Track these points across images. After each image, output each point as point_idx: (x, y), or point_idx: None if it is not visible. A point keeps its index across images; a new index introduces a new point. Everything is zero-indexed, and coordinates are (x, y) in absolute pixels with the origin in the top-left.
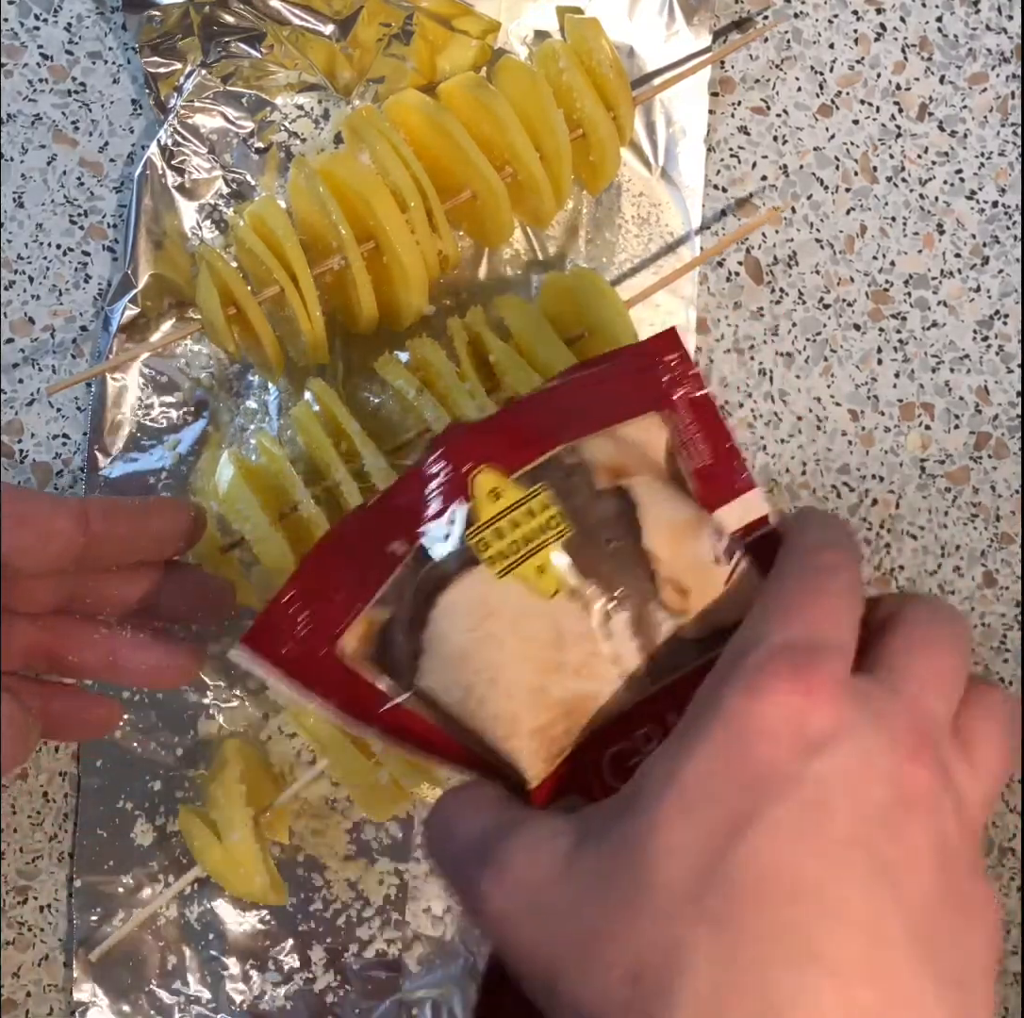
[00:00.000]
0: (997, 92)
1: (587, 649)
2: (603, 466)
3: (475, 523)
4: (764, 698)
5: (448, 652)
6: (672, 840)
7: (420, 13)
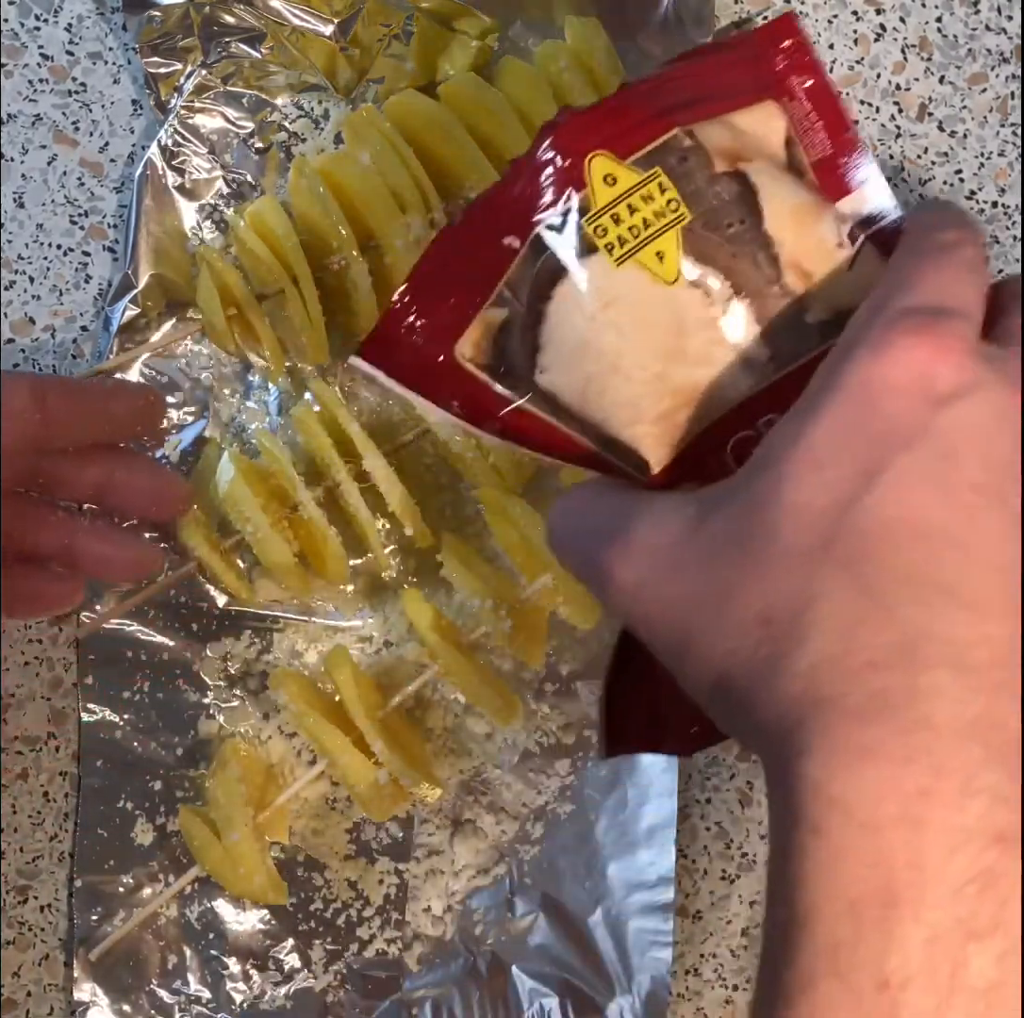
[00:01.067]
0: (997, 92)
1: (708, 336)
2: (720, 151)
3: (591, 210)
4: (890, 357)
5: (568, 343)
6: (802, 493)
7: (420, 13)
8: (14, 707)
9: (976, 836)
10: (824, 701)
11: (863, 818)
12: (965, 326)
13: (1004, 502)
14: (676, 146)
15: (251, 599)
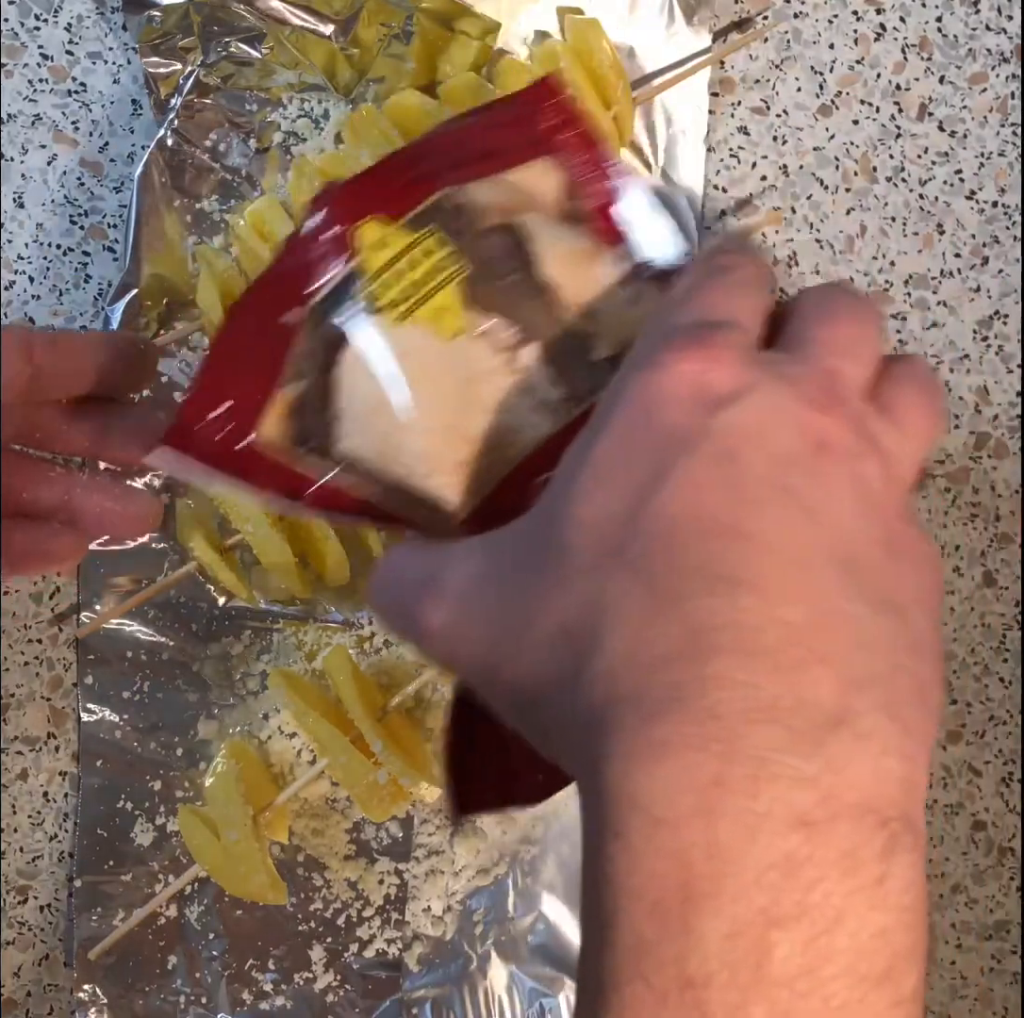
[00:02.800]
0: (997, 92)
1: (499, 382)
2: (491, 207)
3: (366, 274)
4: (664, 369)
5: (360, 405)
6: (590, 507)
7: (420, 13)
8: (14, 707)
9: (775, 820)
10: (621, 701)
11: (659, 815)
12: (737, 336)
13: (789, 492)
14: (447, 205)
15: (251, 599)
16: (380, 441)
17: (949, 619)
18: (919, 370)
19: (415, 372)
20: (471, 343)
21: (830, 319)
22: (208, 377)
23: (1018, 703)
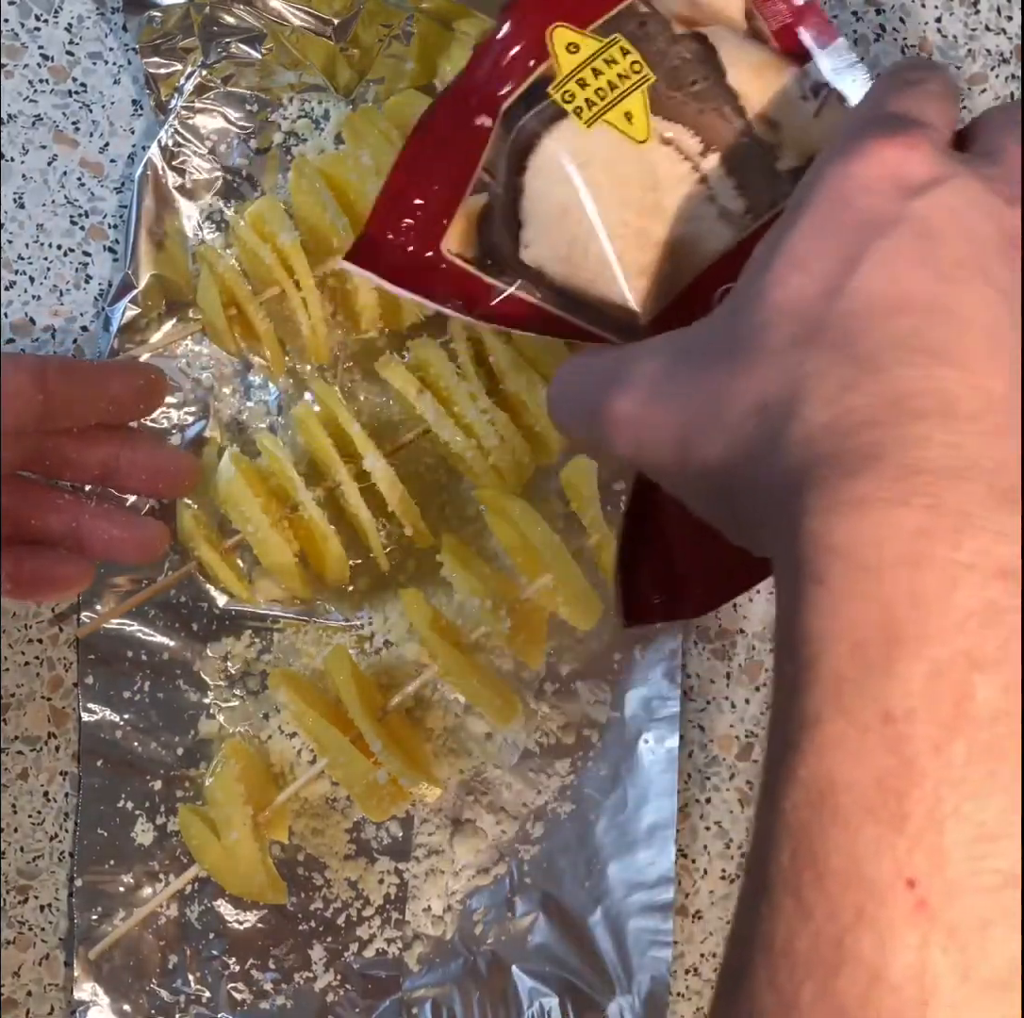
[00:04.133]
0: (997, 92)
1: (683, 190)
2: (678, 16)
3: (556, 78)
4: (861, 156)
5: (548, 211)
6: (787, 291)
7: (420, 14)
8: (14, 707)
9: (977, 571)
10: (820, 463)
11: (863, 562)
12: (932, 134)
13: (987, 275)
14: (634, 12)
15: (251, 599)
16: (567, 246)
17: None
18: None
19: (603, 177)
20: (657, 149)
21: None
22: (394, 187)
23: None
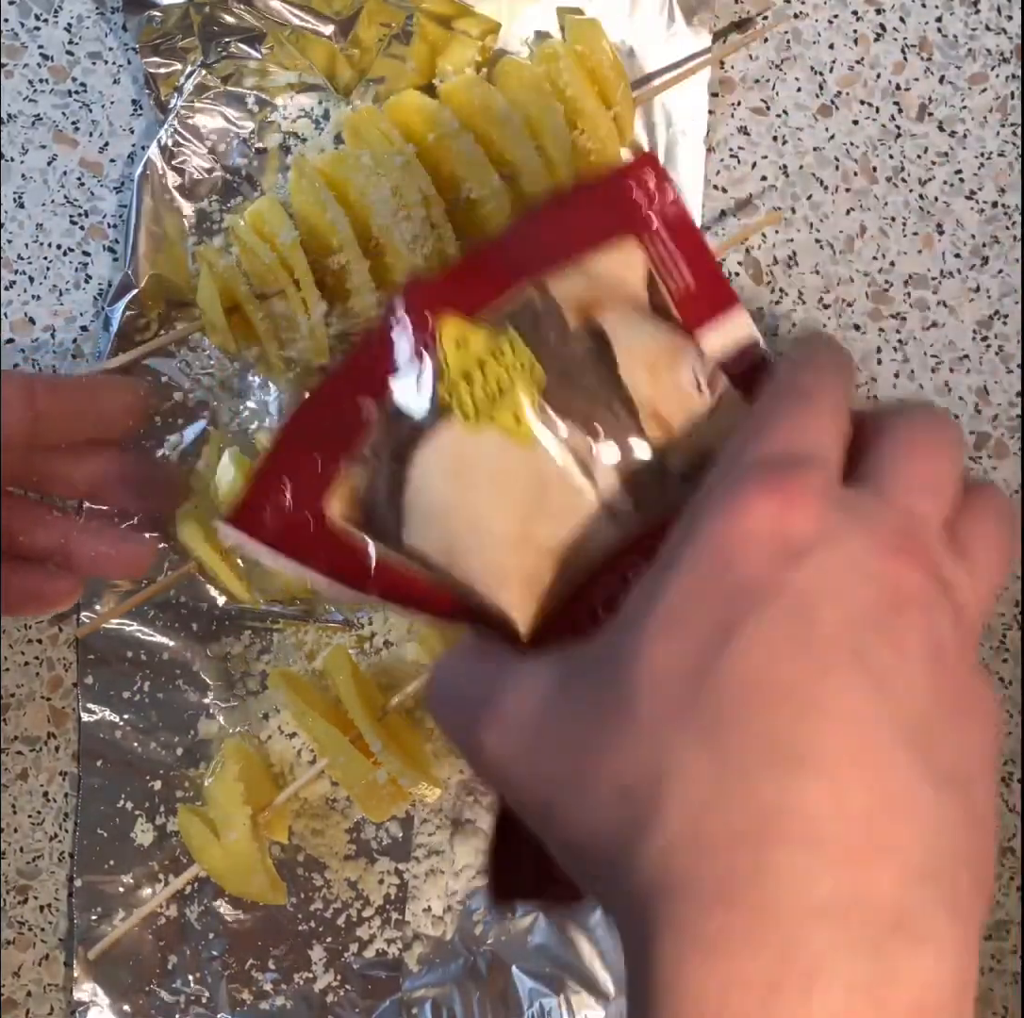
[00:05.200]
0: (997, 92)
1: (570, 492)
2: (574, 303)
3: (443, 375)
4: (743, 510)
5: (430, 508)
6: (657, 658)
7: (420, 13)
8: (14, 707)
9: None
10: (675, 886)
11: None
12: (820, 474)
13: (862, 658)
14: (528, 303)
15: (251, 599)
16: (449, 544)
17: None
18: (997, 504)
19: (487, 479)
20: (542, 449)
21: (912, 452)
22: (275, 458)
23: (1018, 703)
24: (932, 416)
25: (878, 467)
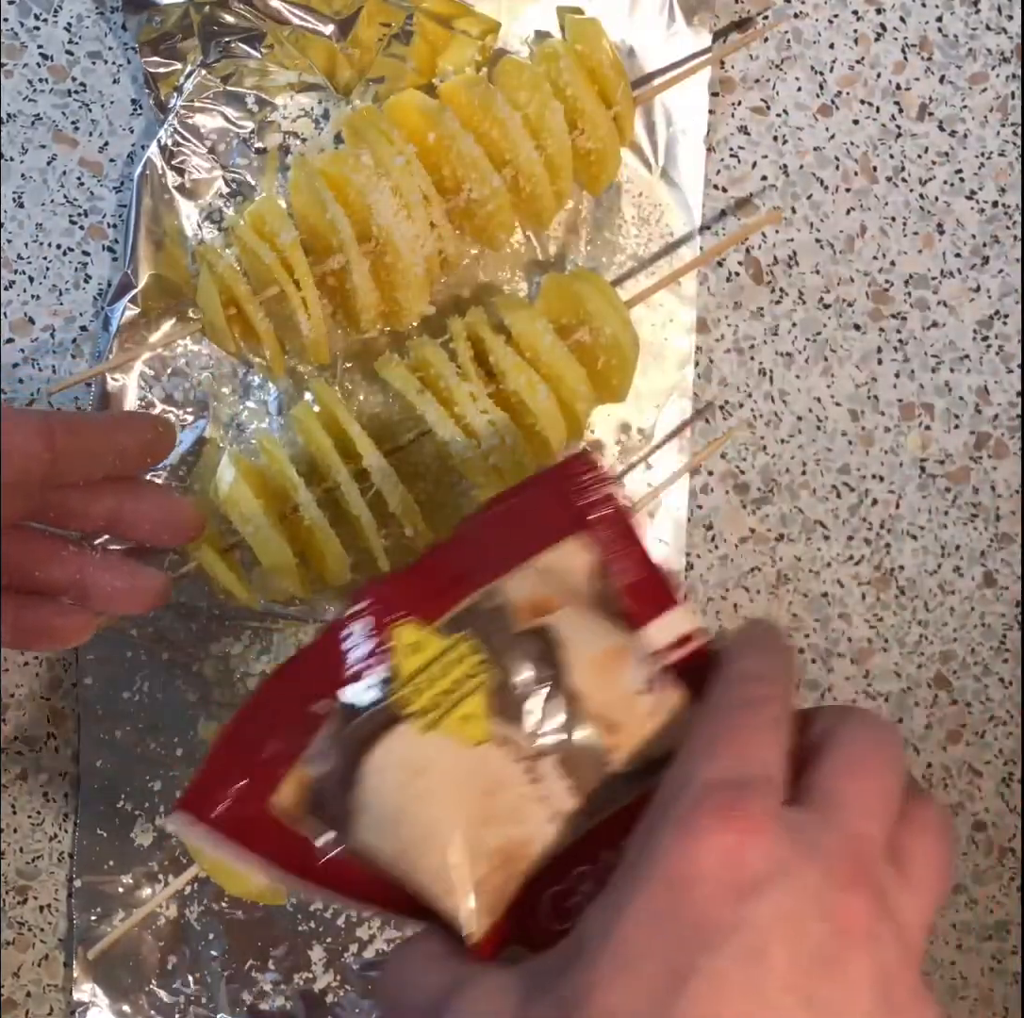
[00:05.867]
0: (997, 92)
1: (518, 793)
2: (524, 604)
3: (397, 678)
4: (695, 843)
5: (380, 811)
6: (611, 1000)
7: (420, 13)
8: (14, 707)
9: None
10: None
11: None
12: (768, 796)
13: (810, 999)
14: (481, 607)
15: (251, 599)
16: (399, 849)
17: (949, 619)
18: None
19: (437, 784)
20: (492, 751)
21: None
22: (227, 745)
23: (1018, 703)
24: (874, 728)
25: (823, 787)
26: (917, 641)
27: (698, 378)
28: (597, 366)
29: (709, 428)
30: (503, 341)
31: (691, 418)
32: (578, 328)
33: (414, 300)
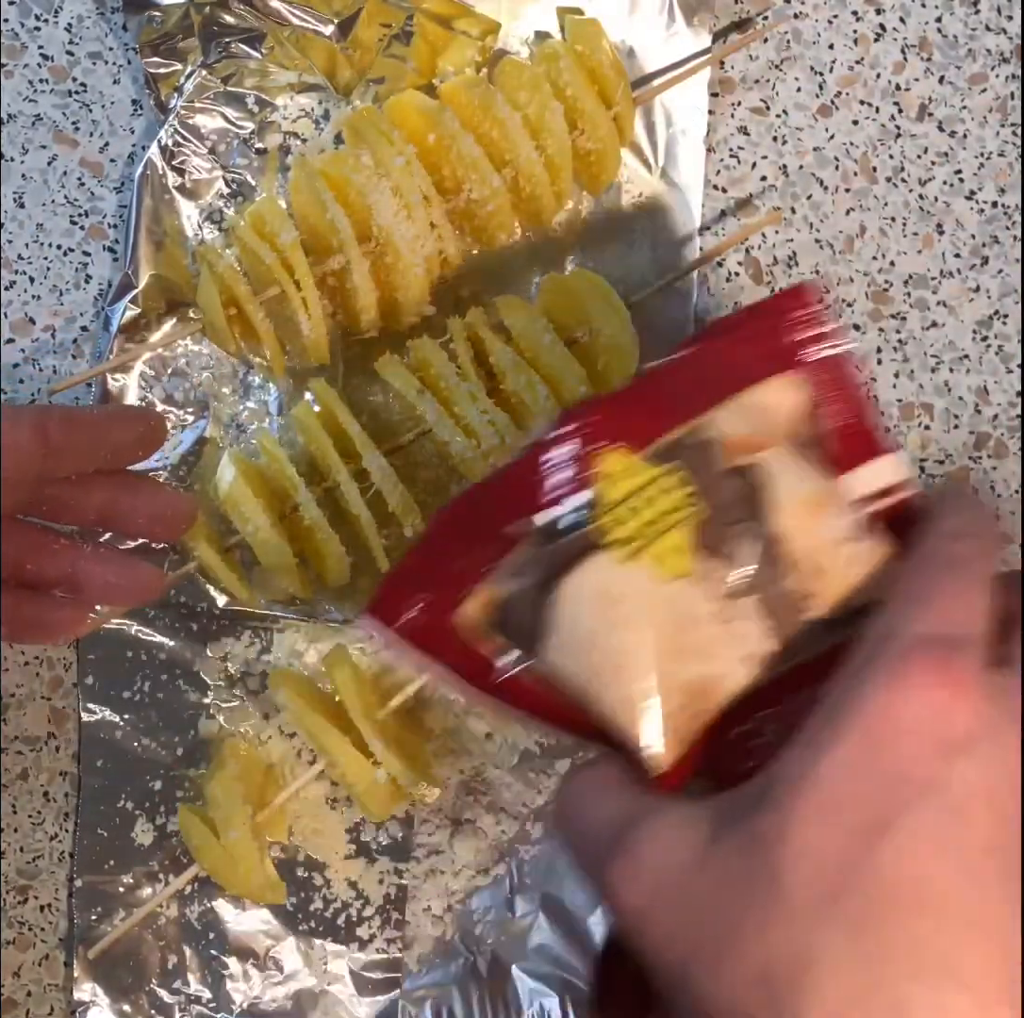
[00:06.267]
0: (997, 92)
1: (715, 631)
2: (733, 441)
3: (600, 505)
4: (905, 695)
5: (573, 635)
6: (808, 841)
7: (420, 14)
8: (14, 707)
9: None
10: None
11: None
12: (974, 656)
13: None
14: (691, 440)
15: (251, 599)
16: (589, 674)
17: None
18: None
19: (633, 614)
20: (691, 587)
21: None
22: (417, 555)
23: None
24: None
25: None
26: None
27: None
28: (597, 366)
29: None
30: (503, 341)
31: None
32: (578, 328)
33: (414, 300)
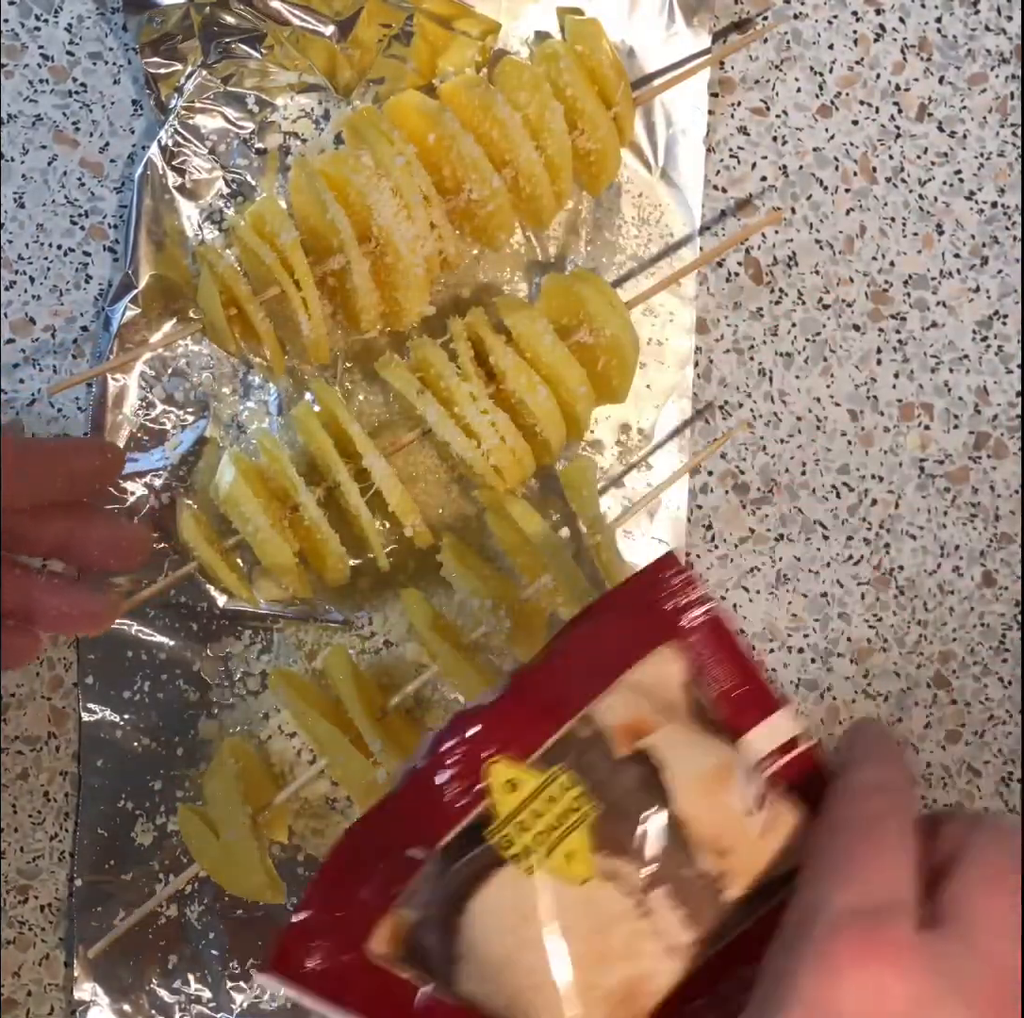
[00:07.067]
0: (996, 92)
1: (630, 929)
2: (620, 728)
3: (495, 820)
4: (837, 979)
5: (487, 960)
6: None
7: (420, 14)
8: (14, 707)
9: None
10: None
11: None
12: (904, 922)
13: None
14: (576, 737)
15: (251, 599)
16: (507, 998)
17: (948, 619)
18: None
19: (547, 927)
20: (600, 887)
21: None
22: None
23: (1018, 703)
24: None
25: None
26: (916, 641)
27: (698, 378)
28: (597, 367)
29: (709, 428)
30: (503, 341)
31: (691, 418)
32: (578, 329)
33: (414, 300)
